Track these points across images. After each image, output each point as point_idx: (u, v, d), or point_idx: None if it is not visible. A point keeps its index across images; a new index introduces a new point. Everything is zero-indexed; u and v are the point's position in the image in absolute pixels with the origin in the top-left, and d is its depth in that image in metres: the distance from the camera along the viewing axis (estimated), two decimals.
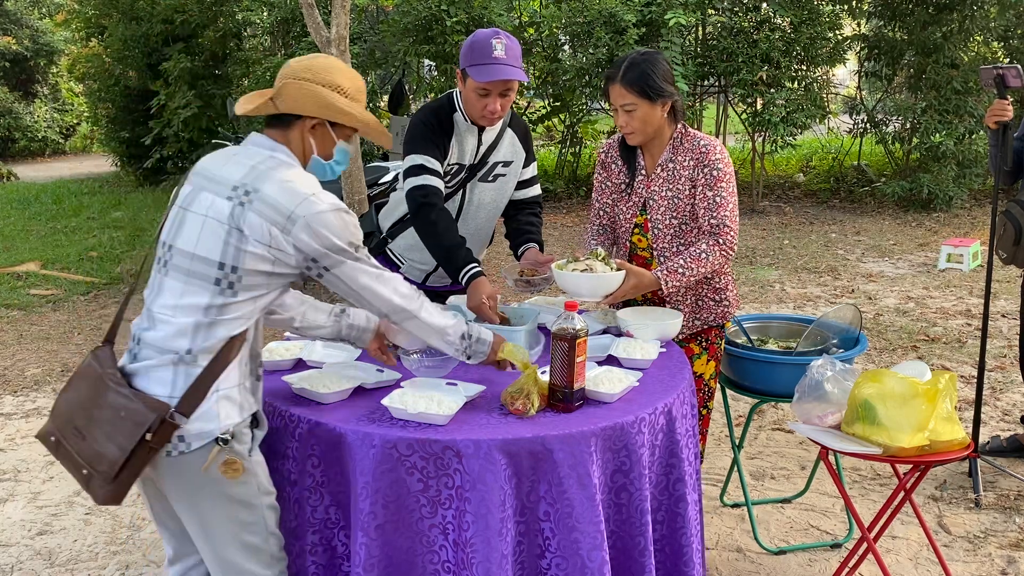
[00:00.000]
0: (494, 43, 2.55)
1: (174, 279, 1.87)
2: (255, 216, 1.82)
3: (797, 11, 9.09)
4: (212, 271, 1.84)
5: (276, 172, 1.87)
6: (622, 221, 2.79)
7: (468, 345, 2.08)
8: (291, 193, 1.84)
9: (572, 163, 11.53)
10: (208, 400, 1.84)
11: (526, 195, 2.98)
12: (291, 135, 1.96)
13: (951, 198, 9.39)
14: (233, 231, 1.83)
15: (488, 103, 2.61)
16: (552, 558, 1.95)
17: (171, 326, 1.85)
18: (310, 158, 2.00)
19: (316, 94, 1.93)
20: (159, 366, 1.84)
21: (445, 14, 9.06)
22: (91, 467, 1.82)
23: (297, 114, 1.94)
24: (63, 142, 18.81)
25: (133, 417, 1.77)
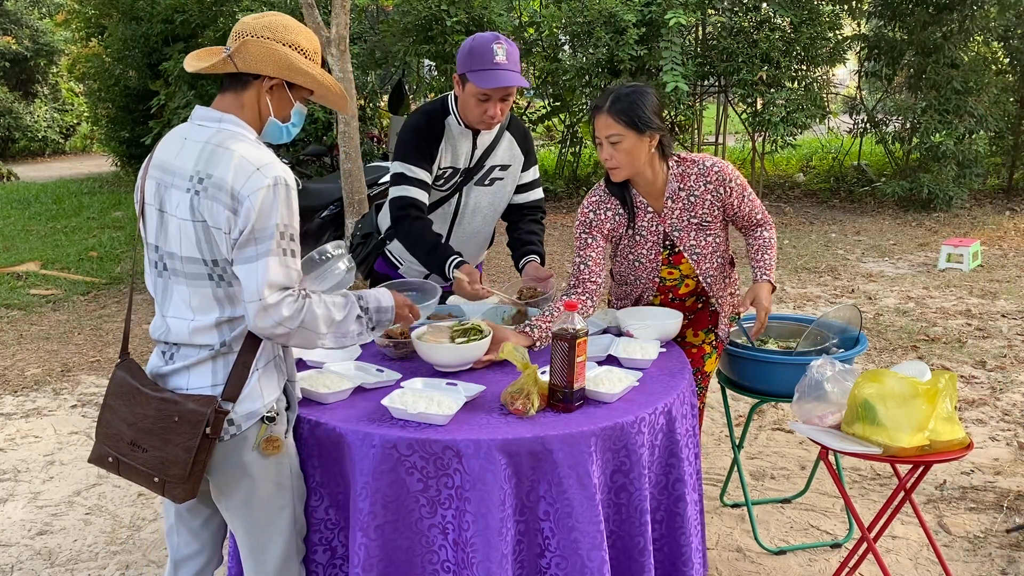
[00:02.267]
0: (495, 48, 2.53)
1: (179, 283, 1.87)
2: (209, 203, 1.78)
3: (797, 11, 9.09)
4: (203, 268, 1.83)
5: (225, 148, 1.81)
6: (644, 263, 2.66)
7: (375, 321, 2.01)
8: (238, 171, 1.78)
9: (572, 163, 11.53)
10: (250, 381, 1.87)
11: (527, 199, 2.96)
12: (245, 97, 1.89)
13: (951, 198, 9.39)
14: (199, 225, 1.80)
15: (488, 108, 2.60)
16: (552, 557, 1.95)
17: (195, 327, 1.85)
18: (266, 120, 1.93)
19: (277, 53, 1.86)
20: (198, 363, 1.86)
21: (445, 14, 9.06)
22: (162, 474, 1.84)
23: (255, 74, 1.87)
24: (63, 142, 18.81)
25: (188, 419, 1.81)
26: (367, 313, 1.99)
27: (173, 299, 1.88)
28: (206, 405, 1.81)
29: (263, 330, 1.82)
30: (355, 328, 1.96)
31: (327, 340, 1.92)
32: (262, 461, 1.91)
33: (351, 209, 6.77)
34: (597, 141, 2.49)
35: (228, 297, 1.85)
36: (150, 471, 1.86)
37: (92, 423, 4.36)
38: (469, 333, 2.31)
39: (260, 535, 1.97)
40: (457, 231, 2.85)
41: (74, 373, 5.09)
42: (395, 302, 2.08)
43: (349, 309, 1.95)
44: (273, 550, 1.97)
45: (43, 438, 4.19)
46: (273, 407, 1.91)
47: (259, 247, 1.78)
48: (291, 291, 1.83)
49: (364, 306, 1.99)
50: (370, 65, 10.77)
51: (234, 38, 1.87)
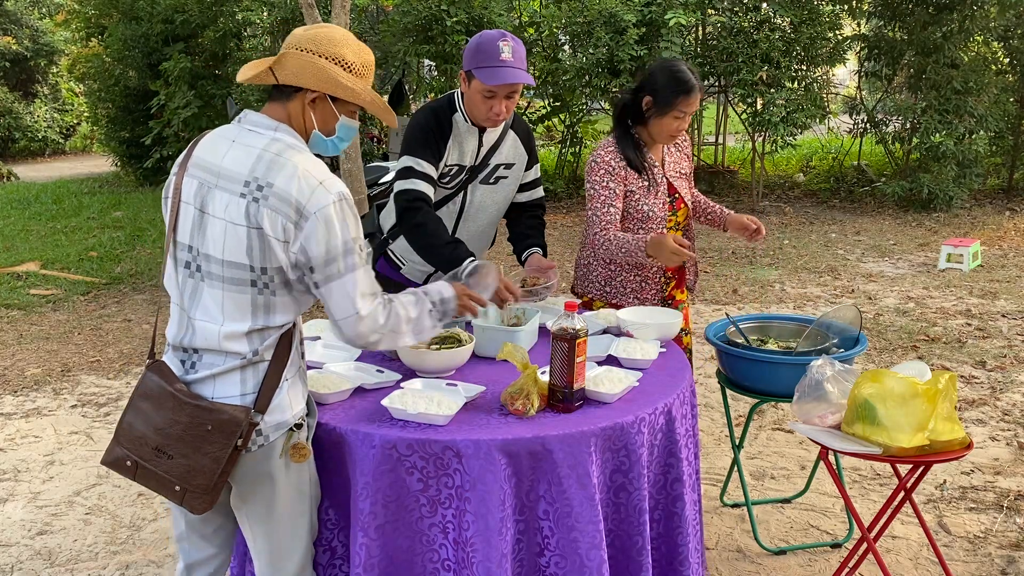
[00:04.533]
0: (501, 45, 2.54)
1: (213, 287, 1.82)
2: (270, 212, 1.76)
3: (797, 11, 9.09)
4: (246, 275, 1.80)
5: (285, 159, 1.80)
6: (656, 212, 2.88)
7: (441, 312, 2.03)
8: (303, 184, 1.77)
9: (572, 163, 11.54)
10: (280, 392, 1.85)
11: (529, 197, 2.97)
12: (291, 108, 1.88)
13: (951, 198, 9.39)
14: (253, 231, 1.77)
15: (494, 105, 2.61)
16: (551, 556, 1.95)
17: (226, 332, 1.81)
18: (311, 133, 1.92)
19: (317, 67, 1.83)
20: (226, 371, 1.82)
21: (445, 14, 9.06)
22: (185, 483, 1.80)
23: (297, 86, 1.86)
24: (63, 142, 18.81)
25: (222, 428, 1.77)
26: (436, 306, 2.01)
27: (203, 301, 1.84)
28: (242, 415, 1.78)
29: (360, 340, 1.85)
30: (428, 322, 1.98)
31: (408, 338, 1.95)
32: (286, 469, 1.89)
33: None
34: (679, 116, 2.78)
35: (267, 306, 1.82)
36: (173, 479, 1.81)
37: (92, 423, 4.36)
38: (446, 341, 2.32)
39: (281, 543, 1.95)
40: (462, 230, 2.85)
41: (74, 373, 5.09)
42: (455, 291, 2.08)
43: (421, 305, 1.97)
44: (294, 557, 1.96)
45: (43, 438, 4.19)
46: (301, 416, 1.91)
47: (344, 262, 1.80)
48: (379, 297, 1.88)
49: (433, 300, 2.01)
50: None
51: (282, 49, 1.88)
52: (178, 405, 1.80)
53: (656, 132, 2.84)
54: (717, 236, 8.60)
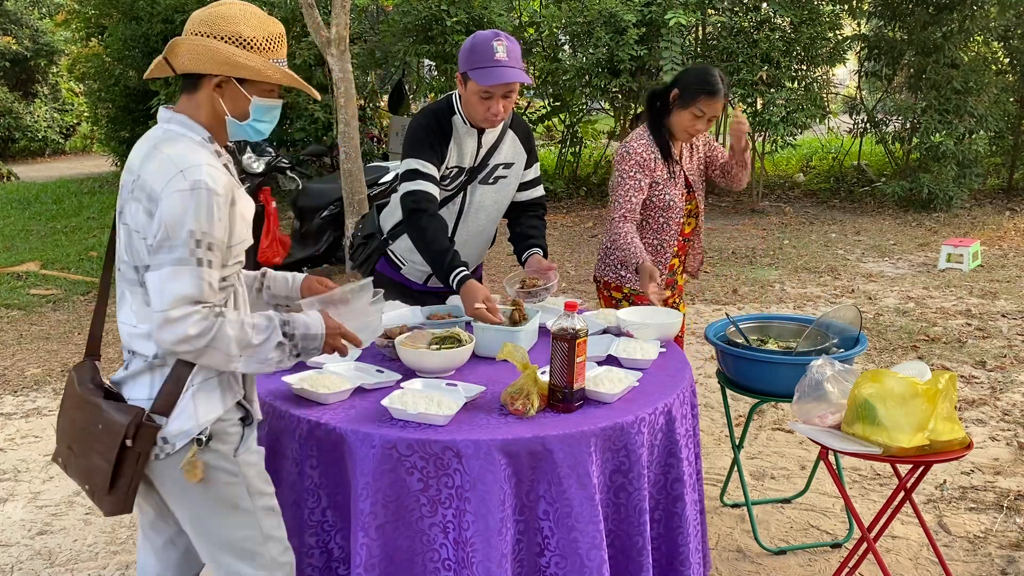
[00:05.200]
0: (495, 45, 2.54)
1: (122, 287, 1.82)
2: (135, 204, 1.72)
3: (797, 11, 9.09)
4: (132, 274, 1.78)
5: (160, 150, 1.73)
6: (676, 203, 3.08)
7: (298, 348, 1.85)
8: (160, 172, 1.69)
9: (572, 163, 11.53)
10: (184, 397, 1.77)
11: (529, 196, 2.97)
12: (199, 98, 1.79)
13: (951, 198, 9.39)
14: (124, 228, 1.76)
15: (491, 106, 2.60)
16: (551, 556, 1.95)
17: (135, 333, 1.80)
18: (223, 120, 1.82)
19: (211, 49, 1.72)
20: (139, 372, 1.80)
21: (445, 14, 9.06)
22: (88, 482, 1.79)
23: (200, 73, 1.76)
24: (63, 142, 18.80)
25: (109, 427, 1.73)
26: (291, 340, 1.82)
27: (123, 304, 1.83)
28: (128, 416, 1.72)
29: (165, 345, 1.69)
30: (275, 356, 1.80)
31: (239, 364, 1.77)
32: (206, 486, 1.81)
33: (351, 209, 6.77)
34: (698, 115, 2.93)
35: None
36: (79, 478, 1.82)
37: None
38: (446, 341, 2.32)
39: (222, 559, 1.89)
40: (462, 230, 2.85)
41: None
42: (326, 329, 1.89)
43: (270, 334, 1.79)
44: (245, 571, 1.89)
45: (43, 438, 4.19)
46: (207, 428, 1.78)
47: (169, 254, 1.67)
48: (201, 307, 1.69)
49: (289, 332, 1.82)
50: (370, 65, 10.77)
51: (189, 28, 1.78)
52: (79, 404, 1.80)
53: (674, 124, 3.01)
54: (717, 236, 8.60)
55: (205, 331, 1.69)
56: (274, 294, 2.15)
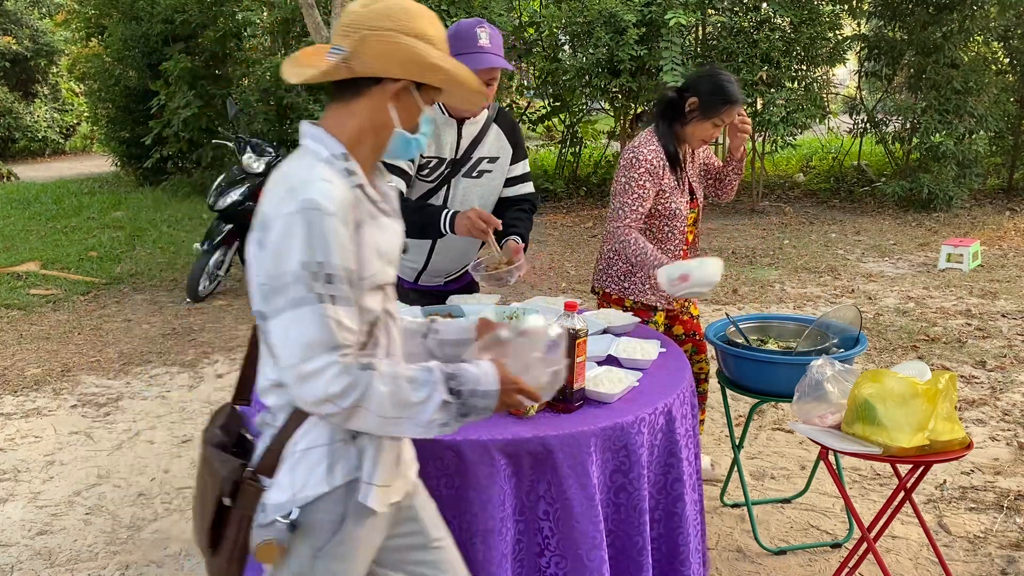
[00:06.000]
0: (478, 32, 2.57)
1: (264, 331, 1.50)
2: (253, 236, 1.45)
3: (797, 11, 9.09)
4: (258, 320, 1.49)
5: (278, 171, 1.48)
6: (681, 210, 3.02)
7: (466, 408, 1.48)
8: (270, 195, 1.43)
9: (572, 163, 11.53)
10: (285, 462, 1.48)
11: (517, 192, 2.97)
12: (357, 107, 1.49)
13: (951, 198, 9.39)
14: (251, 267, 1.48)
15: None
16: (551, 556, 1.95)
17: (262, 382, 1.54)
18: (389, 135, 1.53)
19: (403, 48, 1.44)
20: (266, 424, 1.55)
21: (445, 14, 9.06)
22: (198, 539, 1.57)
23: (377, 77, 1.47)
24: (63, 142, 18.81)
25: (212, 480, 1.51)
26: (458, 397, 1.46)
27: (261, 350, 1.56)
28: (231, 471, 1.47)
29: (308, 407, 1.41)
30: (439, 417, 1.45)
31: (399, 427, 1.43)
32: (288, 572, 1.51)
33: None
34: (719, 124, 2.90)
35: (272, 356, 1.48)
36: (194, 531, 1.59)
37: (92, 423, 4.36)
38: None
39: None
40: None
41: (74, 373, 5.09)
42: (501, 384, 1.50)
43: (432, 391, 1.44)
44: None
45: (43, 438, 4.19)
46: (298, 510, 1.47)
47: (284, 295, 1.38)
48: (338, 356, 1.38)
49: (456, 387, 1.46)
50: None
51: (346, 33, 1.47)
52: (201, 458, 1.60)
53: (692, 134, 2.96)
54: (717, 236, 8.60)
55: (349, 388, 1.38)
56: (443, 340, 1.77)
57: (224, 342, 5.62)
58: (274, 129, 10.70)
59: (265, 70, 10.95)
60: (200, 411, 4.48)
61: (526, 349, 1.56)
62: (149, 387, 4.86)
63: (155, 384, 4.90)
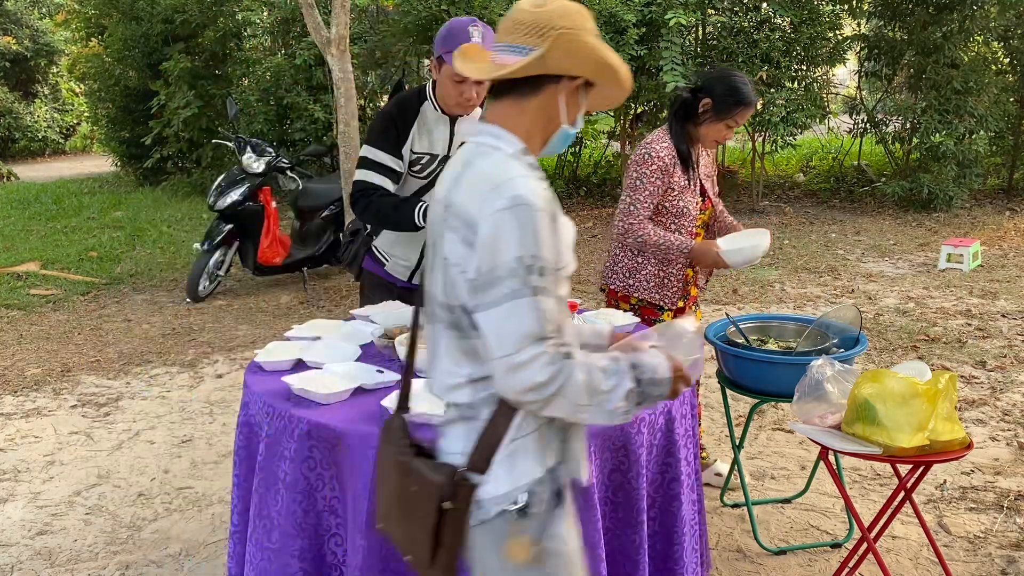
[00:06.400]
0: (471, 30, 2.58)
1: (440, 331, 1.58)
2: (450, 234, 1.49)
3: (797, 11, 9.09)
4: (445, 314, 1.54)
5: (470, 168, 1.51)
6: (691, 209, 3.04)
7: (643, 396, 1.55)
8: (472, 192, 1.47)
9: (572, 163, 11.53)
10: (499, 454, 1.51)
11: None
12: (531, 103, 1.55)
13: (951, 198, 9.39)
14: (442, 263, 1.52)
15: (464, 90, 2.65)
16: None
17: (451, 383, 1.57)
18: (556, 130, 1.60)
19: (591, 47, 1.51)
20: (454, 422, 1.57)
21: (445, 14, 9.06)
22: (411, 553, 1.56)
23: (556, 75, 1.53)
24: (63, 142, 18.82)
25: (425, 488, 1.51)
26: (639, 385, 1.53)
27: (439, 349, 1.60)
28: (443, 474, 1.50)
29: (511, 394, 1.45)
30: (622, 405, 1.51)
31: (587, 414, 1.49)
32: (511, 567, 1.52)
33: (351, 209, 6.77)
34: (732, 125, 2.94)
35: (472, 351, 1.52)
36: (402, 548, 1.59)
37: (92, 423, 4.36)
38: None
39: None
40: None
41: (74, 373, 5.09)
42: (672, 371, 1.57)
43: (619, 380, 1.50)
44: None
45: (43, 438, 4.19)
46: (526, 494, 1.51)
47: (499, 289, 1.42)
48: (547, 346, 1.43)
49: (638, 376, 1.53)
50: (370, 65, 10.78)
51: (530, 32, 1.52)
52: (390, 465, 1.60)
53: (705, 134, 2.99)
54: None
55: (554, 377, 1.43)
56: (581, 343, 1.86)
57: (224, 342, 5.62)
58: (274, 129, 10.70)
59: (265, 70, 10.95)
60: (200, 411, 4.48)
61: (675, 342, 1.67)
62: (149, 387, 4.86)
63: (155, 384, 4.90)
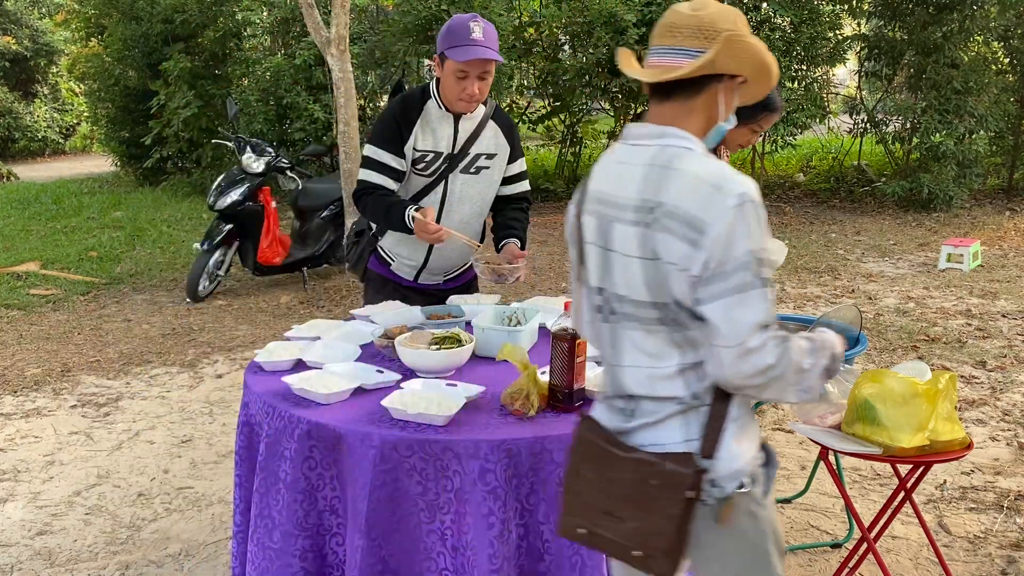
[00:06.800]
0: (472, 26, 2.60)
1: (629, 328, 1.62)
2: (663, 235, 1.53)
3: (797, 11, 9.09)
4: (653, 312, 1.58)
5: (673, 169, 1.56)
6: None
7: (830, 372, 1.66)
8: (694, 194, 1.52)
9: (572, 163, 11.53)
10: (726, 434, 1.59)
11: (513, 191, 3.00)
12: (697, 102, 1.62)
13: (951, 198, 9.39)
14: (648, 262, 1.56)
15: (466, 86, 2.65)
16: (552, 560, 1.95)
17: (656, 375, 1.60)
18: (713, 126, 1.66)
19: (753, 49, 1.59)
20: (666, 418, 1.60)
21: (445, 14, 9.06)
22: (643, 547, 1.59)
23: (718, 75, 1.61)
24: (63, 142, 18.82)
25: (668, 481, 1.56)
26: (831, 362, 1.63)
27: (624, 346, 1.64)
28: (685, 465, 1.55)
29: (739, 378, 1.51)
30: (816, 384, 1.59)
31: (791, 393, 1.56)
32: (742, 528, 1.62)
33: (351, 209, 6.77)
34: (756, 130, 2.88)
35: (688, 342, 1.58)
36: (629, 544, 1.60)
37: (92, 423, 4.36)
38: (446, 341, 2.32)
39: None
40: (445, 220, 2.86)
41: (74, 373, 5.09)
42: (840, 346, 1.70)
43: (816, 359, 1.59)
44: None
45: (43, 438, 4.19)
46: (750, 472, 1.61)
47: (728, 281, 1.49)
48: (772, 331, 1.51)
49: (832, 354, 1.64)
50: (370, 65, 10.77)
51: (700, 35, 1.59)
52: (618, 463, 1.61)
53: (730, 138, 2.97)
54: None
55: (779, 359, 1.51)
56: None
57: (224, 342, 5.62)
58: (274, 129, 10.70)
59: (265, 70, 10.95)
60: (200, 411, 4.48)
61: None
62: (149, 387, 4.86)
63: (155, 384, 4.90)
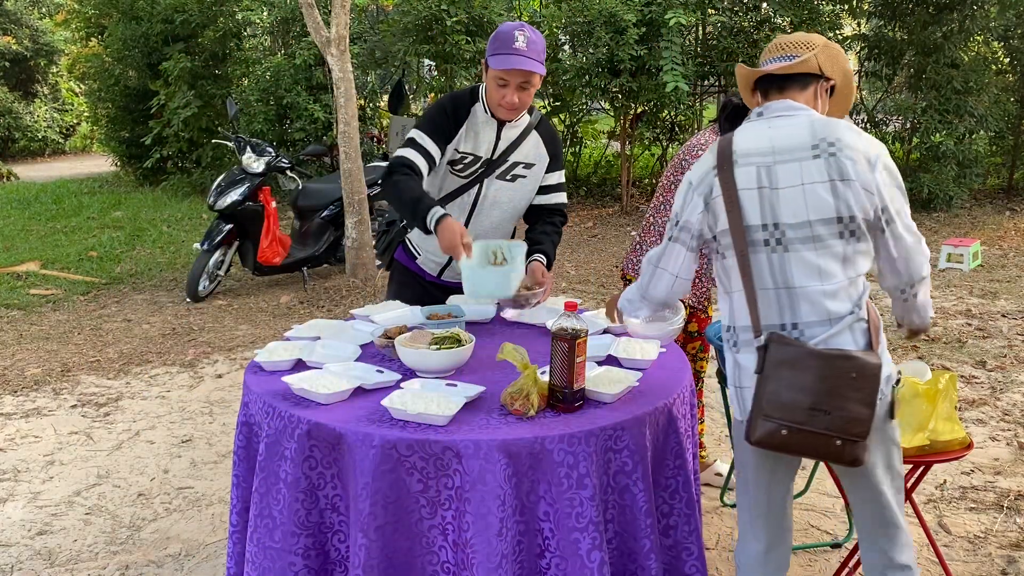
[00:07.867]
0: (516, 34, 2.59)
1: (802, 252, 1.97)
2: (850, 162, 1.95)
3: (797, 11, 9.09)
4: (833, 228, 1.95)
5: (836, 123, 2.01)
6: None
7: None
8: (860, 140, 1.99)
9: (572, 163, 11.53)
10: (881, 343, 1.97)
11: (548, 201, 2.94)
12: (806, 96, 2.10)
13: (951, 198, 9.39)
14: (838, 183, 1.95)
15: (506, 94, 2.64)
16: (551, 558, 1.95)
17: (825, 293, 1.96)
18: None
19: (844, 59, 2.12)
20: (841, 330, 1.95)
21: (445, 14, 9.06)
22: (845, 434, 1.90)
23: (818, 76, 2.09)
24: (63, 142, 18.82)
25: (865, 372, 1.88)
26: None
27: (794, 271, 1.97)
28: (872, 357, 1.90)
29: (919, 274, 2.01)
30: None
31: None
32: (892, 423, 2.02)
33: (351, 209, 6.77)
34: None
35: (852, 257, 1.97)
36: (832, 433, 1.90)
37: (92, 423, 4.36)
38: (446, 341, 2.31)
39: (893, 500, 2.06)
40: (474, 223, 2.84)
41: (74, 373, 5.09)
42: None
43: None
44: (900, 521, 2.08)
45: (43, 438, 4.19)
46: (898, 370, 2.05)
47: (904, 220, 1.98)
48: None
49: None
50: (370, 65, 10.78)
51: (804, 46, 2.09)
52: (822, 362, 1.90)
53: None
54: None
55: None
56: None
57: (224, 342, 5.62)
58: (274, 129, 10.70)
59: (265, 70, 10.95)
60: (200, 411, 4.48)
61: None
62: (149, 387, 4.86)
63: (155, 384, 4.90)
